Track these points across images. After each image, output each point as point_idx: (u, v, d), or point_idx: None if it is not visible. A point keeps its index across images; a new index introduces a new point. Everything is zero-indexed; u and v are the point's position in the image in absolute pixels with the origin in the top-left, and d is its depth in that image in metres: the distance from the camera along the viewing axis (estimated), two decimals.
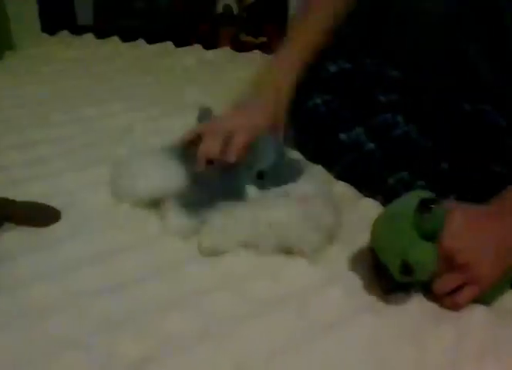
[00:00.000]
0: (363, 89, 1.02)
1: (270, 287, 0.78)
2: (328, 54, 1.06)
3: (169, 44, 1.93)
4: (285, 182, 0.85)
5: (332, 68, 1.06)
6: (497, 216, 0.73)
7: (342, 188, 1.02)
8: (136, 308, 0.74)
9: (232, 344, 0.68)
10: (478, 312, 0.73)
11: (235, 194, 0.85)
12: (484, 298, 0.74)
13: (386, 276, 0.75)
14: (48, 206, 0.93)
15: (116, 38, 1.98)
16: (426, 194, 0.74)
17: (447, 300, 0.73)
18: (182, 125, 1.08)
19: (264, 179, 0.85)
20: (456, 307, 0.73)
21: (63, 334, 0.69)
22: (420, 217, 0.71)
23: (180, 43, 1.94)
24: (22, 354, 0.66)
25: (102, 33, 2.00)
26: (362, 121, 1.00)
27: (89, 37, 1.98)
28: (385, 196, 0.92)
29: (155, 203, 0.92)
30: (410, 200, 0.73)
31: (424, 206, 0.71)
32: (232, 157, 0.84)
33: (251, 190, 0.85)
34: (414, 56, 1.03)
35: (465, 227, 0.72)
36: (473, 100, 0.94)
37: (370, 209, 0.94)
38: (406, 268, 0.69)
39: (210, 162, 0.86)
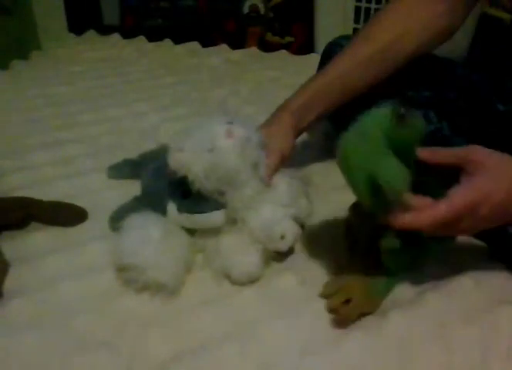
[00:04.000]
0: (394, 83, 1.00)
1: (295, 287, 0.77)
2: None
3: (195, 44, 1.93)
4: (200, 212, 0.77)
5: None
6: None
7: None
8: (163, 308, 0.73)
9: (258, 344, 0.67)
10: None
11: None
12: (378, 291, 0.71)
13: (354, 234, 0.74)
14: (75, 205, 0.92)
15: (142, 38, 1.98)
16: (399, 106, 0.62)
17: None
18: None
19: (185, 200, 0.78)
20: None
21: (89, 333, 0.69)
22: (394, 131, 0.61)
23: (206, 43, 1.93)
24: (48, 353, 0.66)
25: (128, 33, 2.01)
26: None
27: (115, 37, 1.99)
28: (415, 190, 0.90)
29: None
30: (382, 113, 0.63)
31: (399, 117, 0.61)
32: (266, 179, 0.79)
33: (172, 209, 0.79)
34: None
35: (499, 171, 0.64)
36: (507, 100, 0.92)
37: None
38: (375, 187, 0.61)
39: None
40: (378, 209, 0.64)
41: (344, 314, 0.69)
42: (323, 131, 1.21)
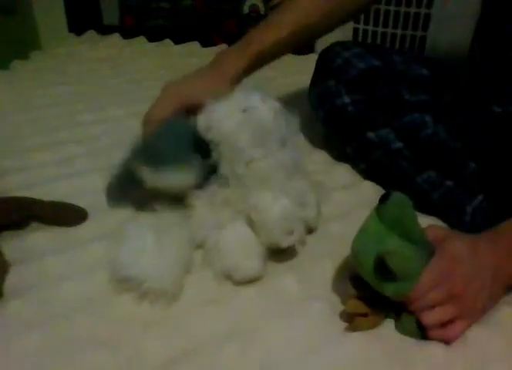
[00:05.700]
0: (391, 89, 1.00)
1: (295, 287, 0.77)
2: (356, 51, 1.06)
3: (195, 44, 1.93)
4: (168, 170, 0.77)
5: (361, 65, 1.03)
6: (491, 246, 0.67)
7: (370, 187, 1.03)
8: (163, 308, 0.73)
9: (258, 344, 0.67)
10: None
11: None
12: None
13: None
14: (75, 205, 0.92)
15: (142, 38, 1.98)
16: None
17: (438, 332, 0.67)
18: None
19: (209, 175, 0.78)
20: (447, 341, 0.67)
21: (89, 333, 0.69)
22: (382, 209, 0.66)
23: (206, 43, 1.93)
24: (48, 354, 0.65)
25: (128, 33, 2.00)
26: (390, 121, 0.98)
27: (115, 37, 1.99)
28: (412, 195, 0.90)
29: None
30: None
31: (383, 197, 0.66)
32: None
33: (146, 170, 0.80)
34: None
35: (462, 252, 0.66)
36: (503, 102, 0.92)
37: None
38: (381, 263, 0.62)
39: None
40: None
41: (357, 326, 0.69)
42: (323, 134, 1.21)
